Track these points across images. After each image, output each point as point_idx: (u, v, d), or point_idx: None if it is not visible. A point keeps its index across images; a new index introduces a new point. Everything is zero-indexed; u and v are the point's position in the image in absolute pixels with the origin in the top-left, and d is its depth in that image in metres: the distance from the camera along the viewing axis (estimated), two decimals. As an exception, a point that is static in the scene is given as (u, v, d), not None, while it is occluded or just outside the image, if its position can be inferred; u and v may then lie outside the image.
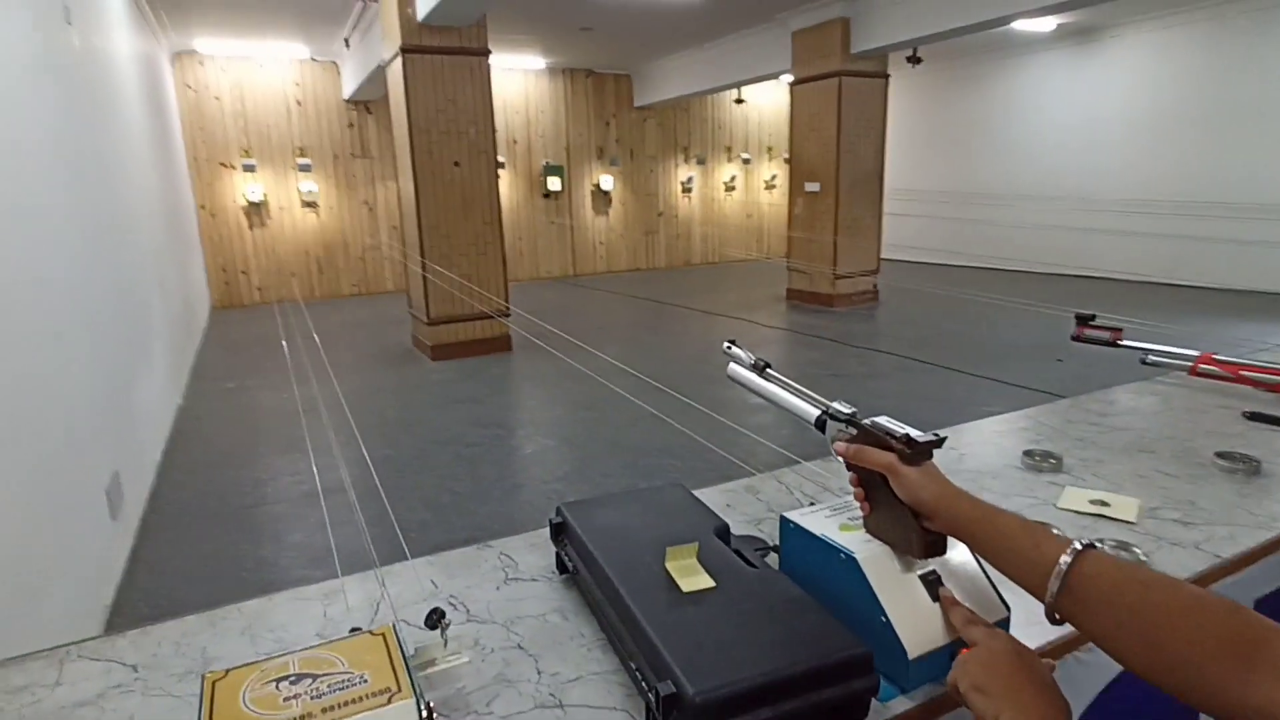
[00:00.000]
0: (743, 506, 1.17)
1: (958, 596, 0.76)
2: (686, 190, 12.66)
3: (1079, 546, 0.63)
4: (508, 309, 6.45)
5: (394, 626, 0.66)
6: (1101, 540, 0.99)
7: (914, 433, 0.77)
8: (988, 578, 0.80)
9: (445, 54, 5.77)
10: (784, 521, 0.86)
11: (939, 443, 0.77)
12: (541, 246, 11.61)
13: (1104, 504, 1.11)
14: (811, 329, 7.26)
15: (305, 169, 9.71)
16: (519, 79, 10.88)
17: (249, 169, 9.38)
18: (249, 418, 4.82)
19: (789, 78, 8.40)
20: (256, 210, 9.54)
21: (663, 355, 6.51)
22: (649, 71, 11.30)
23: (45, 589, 1.87)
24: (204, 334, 7.64)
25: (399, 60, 5.72)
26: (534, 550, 1.04)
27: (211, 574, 2.77)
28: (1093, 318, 2.07)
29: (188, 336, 6.41)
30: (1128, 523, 1.06)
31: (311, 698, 0.57)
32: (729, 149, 12.95)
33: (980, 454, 1.35)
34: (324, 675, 0.60)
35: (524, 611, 0.88)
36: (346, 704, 0.56)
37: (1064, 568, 0.62)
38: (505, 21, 7.82)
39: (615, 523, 0.93)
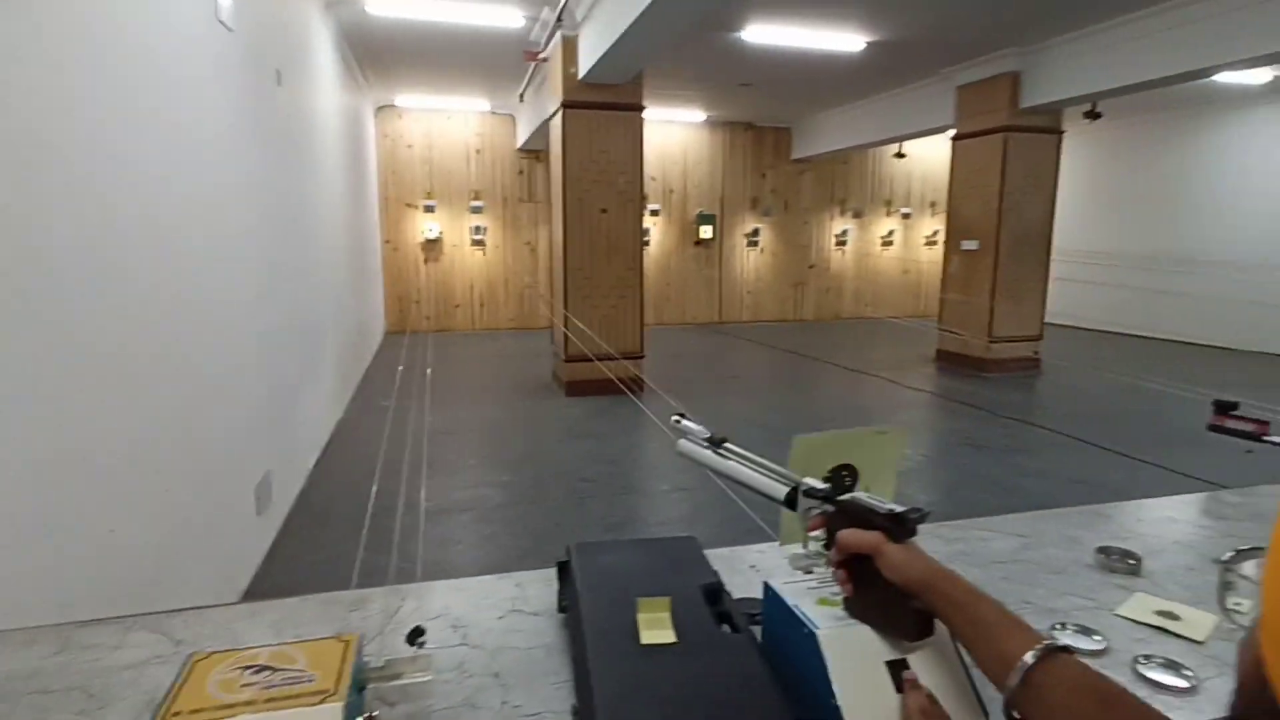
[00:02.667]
0: (771, 568, 1.15)
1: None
2: (841, 243, 12.43)
3: (1048, 645, 0.61)
4: (642, 352, 6.62)
5: (360, 637, 0.73)
6: (1149, 656, 0.89)
7: (898, 508, 0.74)
8: (967, 674, 0.74)
9: (602, 109, 6.14)
10: (766, 587, 0.85)
11: (924, 517, 0.74)
12: (690, 292, 11.82)
13: (1173, 617, 0.99)
14: (958, 394, 6.82)
15: (477, 210, 10.59)
16: (679, 131, 11.28)
17: (429, 209, 10.39)
18: (397, 435, 5.26)
19: (954, 131, 8.09)
20: (432, 246, 10.51)
21: (793, 409, 6.37)
22: (809, 125, 11.31)
23: (183, 571, 2.16)
24: (374, 356, 8.46)
25: (560, 114, 6.16)
26: (548, 586, 1.08)
27: (334, 573, 3.05)
28: (1235, 406, 1.84)
29: (358, 358, 7.13)
30: (1194, 641, 0.93)
31: (263, 687, 0.65)
32: (888, 203, 12.60)
33: (1048, 545, 1.23)
34: (282, 669, 0.67)
35: (513, 643, 0.93)
36: (286, 698, 0.63)
37: (1027, 664, 0.60)
38: (667, 78, 8.20)
39: (612, 568, 0.96)
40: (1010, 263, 7.49)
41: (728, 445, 0.88)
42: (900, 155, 11.94)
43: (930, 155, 12.25)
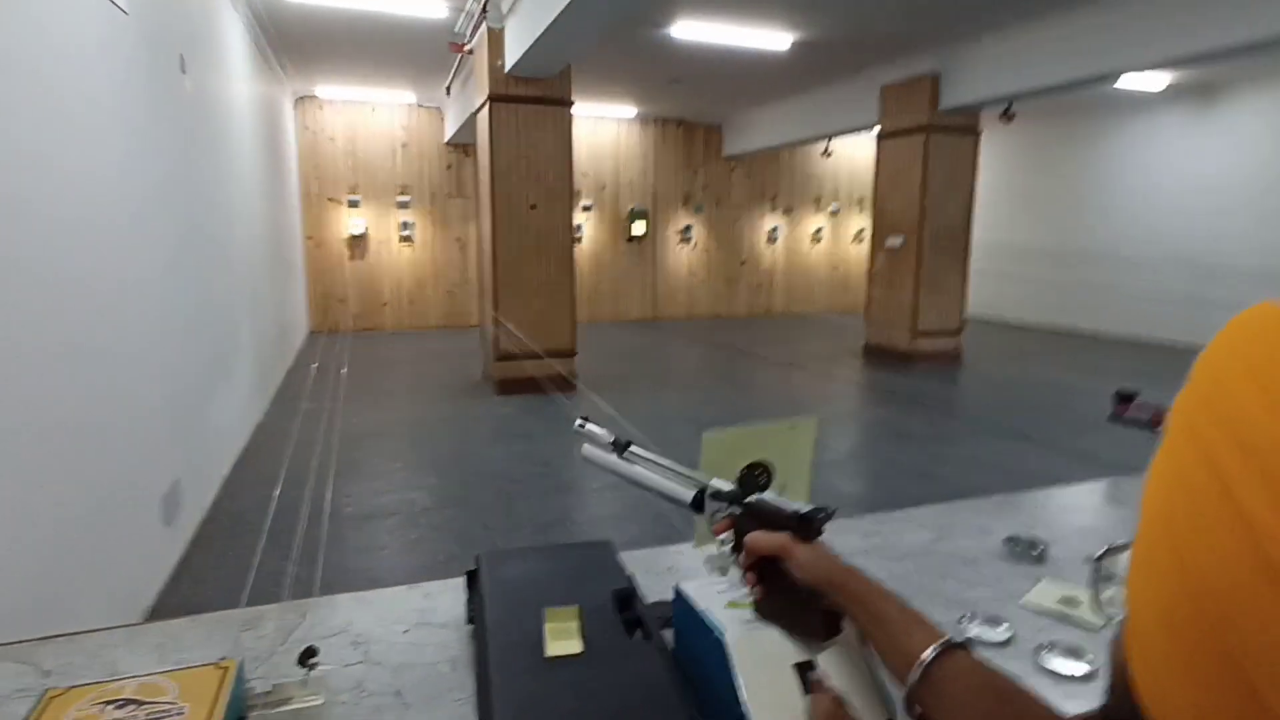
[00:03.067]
0: (689, 570, 1.14)
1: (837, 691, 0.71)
2: (771, 240, 12.63)
3: (947, 642, 0.61)
4: (573, 350, 6.56)
5: (240, 662, 0.68)
6: (1053, 643, 0.91)
7: (804, 509, 0.73)
8: (873, 674, 0.74)
9: (529, 103, 6.05)
10: (676, 591, 0.83)
11: (830, 517, 0.74)
12: (623, 288, 11.80)
13: (1075, 603, 1.02)
14: (884, 386, 7.02)
15: (404, 205, 10.31)
16: (610, 127, 11.24)
17: (354, 204, 10.04)
18: (320, 438, 5.07)
19: (879, 130, 8.31)
20: (358, 243, 10.17)
21: (726, 403, 6.43)
22: (739, 122, 11.44)
23: (76, 591, 2.01)
24: (297, 356, 8.14)
25: (487, 108, 6.04)
26: (459, 596, 1.04)
27: (247, 586, 2.90)
28: (1135, 396, 1.92)
29: (279, 358, 6.84)
30: (1093, 627, 0.96)
31: (124, 724, 0.59)
32: (817, 200, 12.86)
33: (960, 536, 1.26)
34: (150, 703, 0.62)
35: (418, 658, 0.89)
36: (149, 734, 0.58)
37: (927, 660, 0.60)
38: (597, 73, 8.15)
39: (523, 577, 0.93)
40: (932, 258, 7.75)
41: (634, 449, 0.85)
42: (828, 153, 12.19)
43: (857, 153, 12.55)
